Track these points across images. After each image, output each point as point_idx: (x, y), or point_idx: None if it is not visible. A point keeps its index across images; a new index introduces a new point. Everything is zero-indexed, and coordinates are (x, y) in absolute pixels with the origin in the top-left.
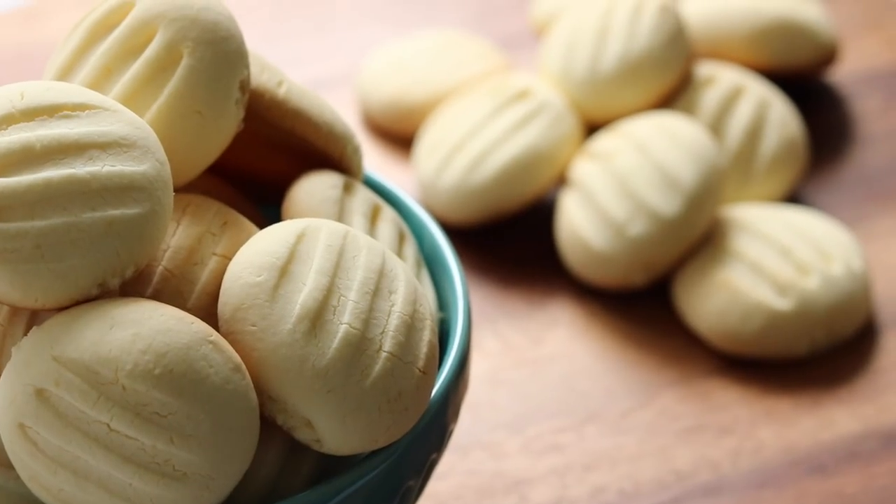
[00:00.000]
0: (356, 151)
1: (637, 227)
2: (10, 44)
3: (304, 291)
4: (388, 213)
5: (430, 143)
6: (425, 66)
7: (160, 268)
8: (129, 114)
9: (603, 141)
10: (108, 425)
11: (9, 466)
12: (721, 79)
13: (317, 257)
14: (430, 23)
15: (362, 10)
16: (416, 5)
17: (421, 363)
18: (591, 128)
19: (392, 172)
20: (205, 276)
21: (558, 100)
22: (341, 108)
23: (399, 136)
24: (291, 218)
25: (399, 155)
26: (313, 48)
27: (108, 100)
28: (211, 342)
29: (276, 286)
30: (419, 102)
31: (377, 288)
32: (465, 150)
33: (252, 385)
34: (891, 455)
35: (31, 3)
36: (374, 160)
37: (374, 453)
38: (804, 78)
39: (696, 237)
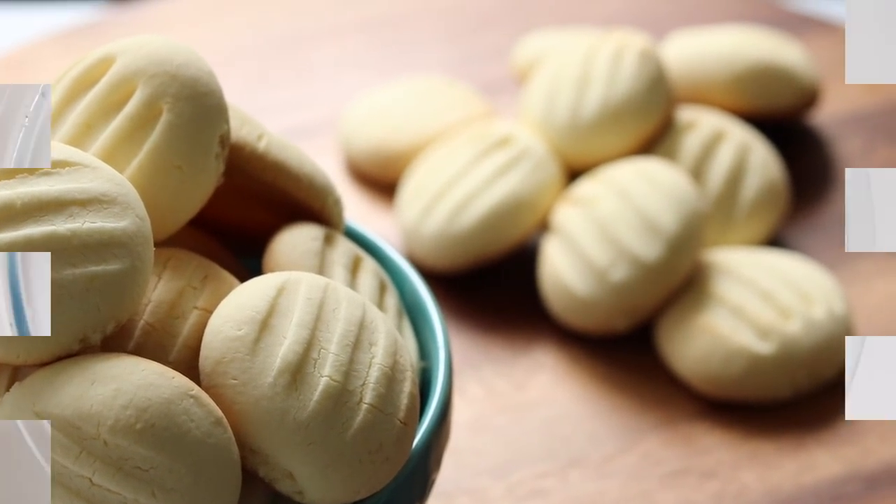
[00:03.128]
0: (337, 203)
1: (619, 273)
2: None
3: (284, 345)
4: (369, 263)
5: (412, 190)
6: (407, 112)
7: (141, 322)
8: (109, 170)
9: (584, 187)
10: (90, 480)
11: None
12: (702, 123)
13: (297, 310)
14: (412, 69)
15: (344, 58)
16: (397, 52)
17: (402, 414)
18: (573, 174)
19: (375, 219)
20: (186, 329)
21: (540, 146)
22: (324, 156)
23: (382, 182)
24: (272, 270)
25: (382, 201)
26: (296, 96)
27: (88, 156)
28: (192, 396)
29: (257, 340)
30: (401, 149)
31: (357, 340)
32: (448, 196)
33: (233, 438)
34: (874, 498)
35: (15, 52)
36: (357, 207)
37: None
38: (786, 121)
39: (677, 282)
